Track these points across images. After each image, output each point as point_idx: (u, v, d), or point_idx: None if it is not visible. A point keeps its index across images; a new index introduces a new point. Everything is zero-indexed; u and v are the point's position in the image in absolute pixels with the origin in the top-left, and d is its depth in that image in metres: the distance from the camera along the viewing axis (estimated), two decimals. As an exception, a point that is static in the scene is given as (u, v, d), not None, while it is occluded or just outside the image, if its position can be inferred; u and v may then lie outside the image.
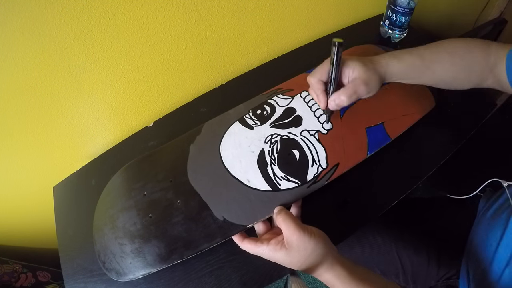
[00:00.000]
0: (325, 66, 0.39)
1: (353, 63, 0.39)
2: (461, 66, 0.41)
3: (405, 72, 0.41)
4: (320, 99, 0.41)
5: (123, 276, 0.39)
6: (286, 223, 0.35)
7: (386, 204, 0.45)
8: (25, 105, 0.45)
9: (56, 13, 0.38)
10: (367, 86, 0.39)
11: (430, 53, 0.41)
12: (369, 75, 0.39)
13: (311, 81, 0.41)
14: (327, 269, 0.34)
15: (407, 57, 0.41)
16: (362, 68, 0.38)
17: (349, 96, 0.39)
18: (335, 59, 0.37)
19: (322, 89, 0.40)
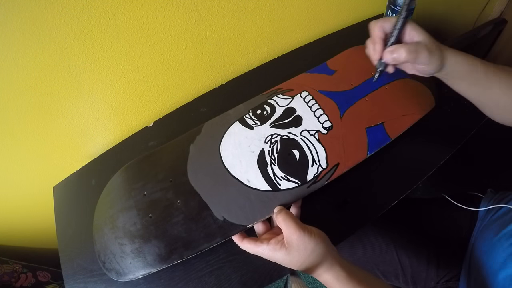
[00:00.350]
0: (392, 18, 0.36)
1: (421, 29, 0.36)
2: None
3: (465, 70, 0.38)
4: (376, 47, 0.37)
5: (123, 276, 0.39)
6: (286, 223, 0.35)
7: (386, 204, 0.45)
8: (25, 105, 0.45)
9: (56, 13, 0.38)
10: (430, 55, 0.35)
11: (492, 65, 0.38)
12: (434, 48, 0.36)
13: (372, 26, 0.37)
14: (326, 270, 0.34)
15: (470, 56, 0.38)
16: (428, 37, 0.36)
17: (410, 52, 0.35)
18: (405, 10, 0.35)
19: (381, 37, 0.37)
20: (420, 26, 0.37)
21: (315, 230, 0.35)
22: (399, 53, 0.35)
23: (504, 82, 0.38)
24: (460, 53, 0.38)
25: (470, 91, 0.40)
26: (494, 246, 0.47)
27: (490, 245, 0.48)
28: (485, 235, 0.50)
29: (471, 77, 0.38)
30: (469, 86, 0.39)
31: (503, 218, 0.48)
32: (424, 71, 0.38)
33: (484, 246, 0.49)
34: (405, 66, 0.39)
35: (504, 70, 0.38)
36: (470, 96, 0.41)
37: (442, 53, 0.36)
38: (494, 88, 0.38)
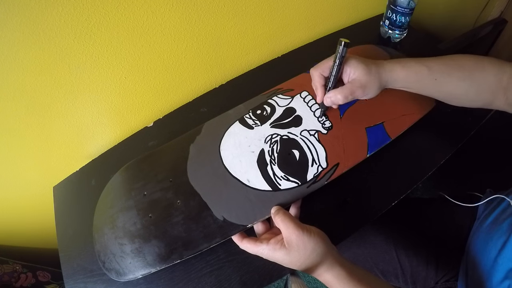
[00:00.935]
0: (329, 61, 0.40)
1: (356, 63, 0.39)
2: (470, 82, 0.40)
3: (410, 80, 0.41)
4: (317, 92, 0.42)
5: (123, 276, 0.39)
6: (285, 223, 0.35)
7: (386, 204, 0.45)
8: (25, 105, 0.45)
9: (56, 13, 0.38)
10: (364, 89, 0.39)
11: (438, 65, 0.40)
12: (369, 79, 0.39)
13: (312, 73, 0.42)
14: (327, 269, 0.34)
15: (413, 65, 0.40)
16: (363, 70, 0.39)
17: (345, 97, 0.39)
18: (338, 58, 0.38)
19: (321, 83, 0.41)
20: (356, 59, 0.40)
21: (314, 229, 0.35)
22: (336, 99, 0.40)
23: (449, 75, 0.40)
24: (403, 67, 0.40)
25: (425, 92, 0.42)
26: (487, 244, 0.47)
27: (483, 244, 0.48)
28: (480, 234, 0.50)
29: (419, 82, 0.41)
30: (420, 90, 0.42)
31: (497, 216, 0.49)
32: (365, 98, 0.41)
33: (478, 245, 0.49)
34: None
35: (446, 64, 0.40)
36: (428, 95, 0.43)
37: (380, 78, 0.40)
38: (445, 84, 0.40)
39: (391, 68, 0.40)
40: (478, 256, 0.48)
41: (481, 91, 0.40)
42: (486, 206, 0.54)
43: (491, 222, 0.49)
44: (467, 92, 0.41)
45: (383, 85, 0.41)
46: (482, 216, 0.53)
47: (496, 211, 0.49)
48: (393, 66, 0.40)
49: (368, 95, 0.41)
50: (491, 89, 0.39)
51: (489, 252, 0.46)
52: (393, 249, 0.54)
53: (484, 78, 0.39)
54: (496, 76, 0.39)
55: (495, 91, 0.39)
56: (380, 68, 0.40)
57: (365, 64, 0.39)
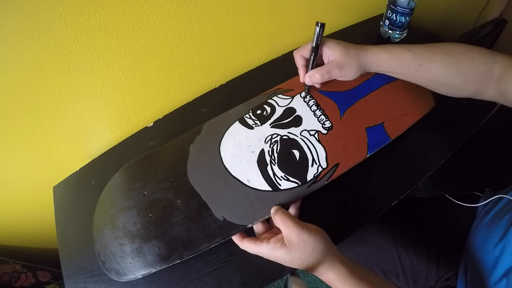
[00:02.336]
0: (310, 44, 0.42)
1: (334, 45, 0.41)
2: (457, 70, 0.40)
3: (393, 64, 0.41)
4: (300, 72, 0.45)
5: (123, 276, 0.39)
6: (284, 222, 0.35)
7: (386, 204, 0.45)
8: (25, 105, 0.45)
9: (56, 13, 0.38)
10: (341, 70, 0.41)
11: (423, 51, 0.40)
12: (347, 60, 0.40)
13: (294, 55, 0.44)
14: (328, 268, 0.34)
15: (397, 50, 0.41)
16: (341, 52, 0.40)
17: (322, 75, 0.41)
18: (315, 39, 0.40)
19: (302, 64, 0.44)
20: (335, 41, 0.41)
21: (314, 227, 0.35)
22: (314, 78, 0.42)
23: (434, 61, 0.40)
24: (385, 51, 0.41)
25: (409, 77, 0.43)
26: (486, 242, 0.47)
27: (482, 241, 0.48)
28: (479, 232, 0.50)
29: (402, 67, 0.41)
30: (404, 76, 0.43)
31: (496, 214, 0.49)
32: (345, 79, 0.43)
33: (477, 243, 0.49)
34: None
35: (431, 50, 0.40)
36: (410, 81, 0.43)
37: (360, 60, 0.41)
38: (430, 70, 0.41)
39: (374, 51, 0.41)
40: (477, 254, 0.48)
41: (468, 79, 0.40)
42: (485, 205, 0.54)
43: (490, 219, 0.49)
44: (453, 80, 0.40)
45: (363, 68, 0.42)
46: (481, 214, 0.53)
47: (495, 209, 0.50)
48: (376, 49, 0.41)
49: (346, 76, 0.42)
50: (480, 78, 0.39)
51: (488, 250, 0.46)
52: (394, 248, 0.54)
53: (472, 66, 0.39)
54: (486, 65, 0.39)
55: (484, 80, 0.39)
56: (360, 50, 0.41)
57: (343, 46, 0.41)
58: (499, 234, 0.45)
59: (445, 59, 0.40)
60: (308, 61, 0.43)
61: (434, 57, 0.40)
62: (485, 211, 0.52)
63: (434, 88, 0.43)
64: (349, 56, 0.40)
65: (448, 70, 0.40)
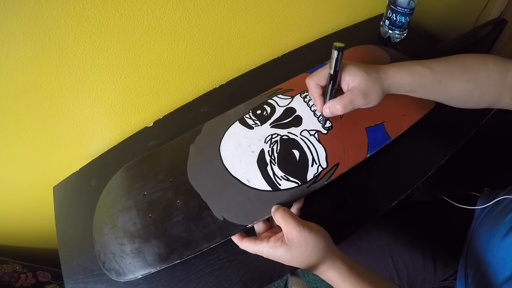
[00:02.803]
0: (325, 70, 0.37)
1: (355, 70, 0.36)
2: (475, 83, 0.38)
3: (414, 84, 0.38)
4: (316, 103, 0.40)
5: (123, 276, 0.39)
6: (285, 220, 0.35)
7: (386, 204, 0.45)
8: (25, 105, 0.45)
9: (56, 13, 0.38)
10: (366, 98, 0.37)
11: (442, 66, 0.38)
12: (370, 87, 0.36)
13: (308, 84, 0.39)
14: (329, 267, 0.34)
15: (417, 68, 0.38)
16: (363, 77, 0.36)
17: (344, 106, 0.37)
18: (334, 64, 0.35)
19: (319, 93, 0.39)
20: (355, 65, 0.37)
21: (315, 226, 0.35)
22: (335, 109, 0.37)
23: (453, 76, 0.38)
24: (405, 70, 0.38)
25: (429, 95, 0.41)
26: (489, 242, 0.47)
27: (485, 242, 0.48)
28: (480, 233, 0.50)
29: (423, 86, 0.39)
30: (424, 94, 0.40)
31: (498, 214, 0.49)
32: (368, 107, 0.39)
33: (479, 244, 0.49)
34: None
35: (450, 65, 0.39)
36: (432, 98, 0.41)
37: (382, 84, 0.37)
38: (449, 86, 0.39)
39: (394, 73, 0.37)
40: (480, 255, 0.47)
41: (485, 91, 0.39)
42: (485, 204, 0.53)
43: (492, 220, 0.49)
44: (472, 94, 0.39)
45: (385, 91, 0.38)
46: (482, 216, 0.53)
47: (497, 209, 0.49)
48: (397, 70, 0.38)
49: (370, 103, 0.38)
50: (496, 88, 0.38)
51: (492, 250, 0.45)
52: (389, 255, 0.54)
53: (488, 77, 0.38)
54: (500, 74, 0.38)
55: (500, 90, 0.38)
56: (381, 73, 0.37)
57: (364, 70, 0.36)
58: (502, 234, 0.44)
59: (464, 74, 0.38)
60: (325, 89, 0.38)
61: (453, 72, 0.38)
62: (485, 212, 0.52)
63: (452, 103, 0.41)
64: (371, 82, 0.36)
65: (467, 84, 0.38)
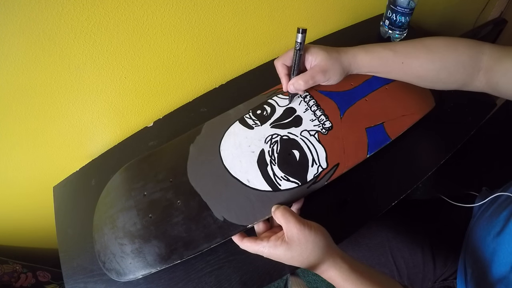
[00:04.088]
0: (290, 51, 0.41)
1: (316, 50, 0.40)
2: (441, 64, 0.40)
3: (374, 64, 0.42)
4: (282, 81, 0.43)
5: (123, 276, 0.39)
6: (286, 218, 0.35)
7: (386, 203, 0.45)
8: (25, 105, 0.45)
9: (56, 13, 0.38)
10: (325, 74, 0.41)
11: (405, 47, 0.41)
12: (330, 65, 0.40)
13: (276, 64, 0.43)
14: (330, 265, 0.34)
15: (377, 49, 0.41)
16: (324, 56, 0.40)
17: (306, 81, 0.41)
18: (298, 46, 0.39)
19: (284, 72, 0.43)
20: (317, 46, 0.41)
21: (315, 225, 0.35)
22: (298, 85, 0.41)
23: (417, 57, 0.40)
24: (366, 52, 0.41)
25: (393, 75, 0.43)
26: (484, 239, 0.47)
27: (481, 239, 0.48)
28: (477, 230, 0.50)
29: (384, 66, 0.42)
30: (387, 75, 0.43)
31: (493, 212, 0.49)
32: (329, 83, 0.42)
33: (476, 241, 0.49)
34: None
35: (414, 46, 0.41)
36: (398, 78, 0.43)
37: (342, 63, 0.41)
38: (413, 66, 0.41)
39: (354, 54, 0.41)
40: (476, 252, 0.48)
41: (453, 72, 0.40)
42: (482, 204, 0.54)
43: (488, 217, 0.49)
44: (438, 74, 0.40)
45: (346, 70, 0.42)
46: (478, 213, 0.53)
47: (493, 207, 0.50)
48: (357, 51, 0.41)
49: (330, 80, 0.42)
50: (466, 70, 0.39)
51: (487, 247, 0.46)
52: (389, 251, 0.54)
53: (456, 59, 0.39)
54: (472, 57, 0.39)
55: (470, 72, 0.39)
56: (341, 53, 0.41)
57: (325, 50, 0.40)
58: (496, 231, 0.45)
59: (428, 55, 0.40)
60: (290, 69, 0.43)
61: (417, 53, 0.40)
62: (482, 209, 0.52)
63: (420, 83, 0.44)
64: (331, 60, 0.40)
65: (432, 65, 0.40)
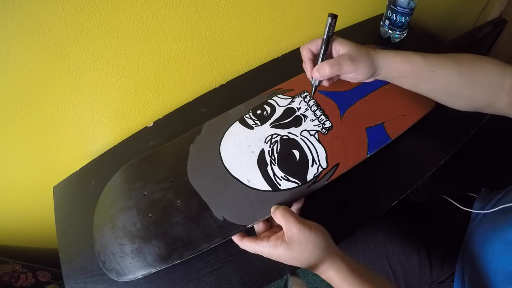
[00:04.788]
0: (318, 39, 0.40)
1: (346, 41, 0.39)
2: (468, 78, 0.38)
3: (404, 69, 0.39)
4: (307, 67, 0.41)
5: (123, 276, 0.39)
6: (286, 218, 0.35)
7: (386, 204, 0.45)
8: (25, 105, 0.45)
9: (56, 13, 0.38)
10: (354, 64, 0.37)
11: (435, 57, 0.39)
12: (360, 56, 0.38)
13: (301, 49, 0.41)
14: (330, 266, 0.34)
15: (409, 54, 0.39)
16: (353, 47, 0.38)
17: (332, 66, 0.38)
18: (327, 30, 0.38)
19: (309, 57, 0.40)
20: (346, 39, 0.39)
21: (315, 224, 0.35)
22: (323, 69, 0.38)
23: (445, 68, 0.39)
24: (396, 54, 0.39)
25: (417, 87, 0.41)
26: (484, 246, 0.46)
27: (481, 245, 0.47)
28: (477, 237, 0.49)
29: (412, 72, 0.39)
30: (415, 83, 0.41)
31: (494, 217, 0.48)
32: (356, 78, 0.39)
33: (475, 247, 0.48)
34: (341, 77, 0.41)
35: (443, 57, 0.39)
36: (419, 91, 0.42)
37: (372, 59, 0.38)
38: (439, 77, 0.39)
39: (385, 54, 0.39)
40: (476, 259, 0.47)
41: (478, 89, 0.39)
42: (482, 206, 0.53)
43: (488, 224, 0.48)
44: (463, 89, 0.39)
45: (375, 69, 0.39)
46: (478, 218, 0.52)
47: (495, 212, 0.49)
48: (388, 52, 0.39)
49: (358, 72, 0.38)
50: (491, 88, 0.38)
51: (487, 254, 0.45)
52: (384, 257, 0.54)
53: (483, 75, 0.38)
54: (498, 76, 0.38)
55: (495, 91, 0.38)
56: (371, 51, 0.39)
57: (355, 43, 0.39)
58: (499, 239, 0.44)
59: (457, 66, 0.38)
60: (316, 56, 0.40)
61: (446, 63, 0.39)
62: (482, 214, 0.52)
63: (443, 98, 0.42)
64: (361, 52, 0.38)
65: (459, 77, 0.38)
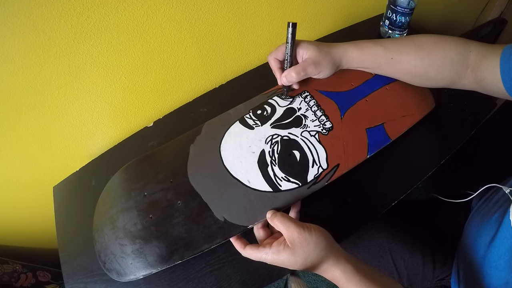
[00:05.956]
0: (282, 46, 0.42)
1: (308, 45, 0.42)
2: (430, 61, 0.41)
3: (363, 59, 0.43)
4: (276, 75, 0.44)
5: (123, 277, 0.39)
6: (285, 224, 0.35)
7: (386, 204, 0.45)
8: (25, 105, 0.45)
9: (56, 13, 0.38)
10: (317, 67, 0.42)
11: (394, 44, 0.42)
12: (321, 58, 0.42)
13: (269, 59, 0.44)
14: (333, 265, 0.34)
15: (368, 45, 0.42)
16: (315, 50, 0.41)
17: (298, 73, 0.41)
18: (289, 39, 0.41)
19: (277, 66, 0.44)
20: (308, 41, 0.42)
21: (315, 226, 0.35)
22: (291, 76, 0.42)
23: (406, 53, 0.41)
24: (357, 46, 0.43)
25: (382, 71, 0.44)
26: (475, 240, 0.47)
27: (473, 239, 0.48)
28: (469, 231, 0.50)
29: (374, 61, 0.43)
30: (376, 70, 0.44)
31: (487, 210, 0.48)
32: (321, 76, 0.44)
33: (468, 243, 0.49)
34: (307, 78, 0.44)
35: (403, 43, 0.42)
36: (384, 74, 0.45)
37: (333, 57, 0.42)
38: (402, 62, 0.42)
39: (345, 48, 0.42)
40: (469, 254, 0.47)
41: (442, 69, 0.41)
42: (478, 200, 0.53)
43: (480, 217, 0.49)
44: (427, 71, 0.41)
45: (337, 64, 0.43)
46: (473, 210, 0.53)
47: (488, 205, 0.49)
48: (347, 46, 0.43)
49: (321, 73, 0.43)
50: (454, 67, 0.40)
51: (479, 250, 0.45)
52: (388, 253, 0.54)
53: (445, 56, 0.40)
54: (460, 55, 0.39)
55: (459, 70, 0.40)
56: (332, 48, 0.42)
57: (316, 45, 0.42)
58: (489, 234, 0.44)
59: (417, 51, 0.41)
60: (282, 63, 0.44)
61: (406, 49, 0.41)
62: (477, 207, 0.52)
63: (409, 80, 0.44)
64: (322, 53, 0.42)
65: (421, 61, 0.41)
